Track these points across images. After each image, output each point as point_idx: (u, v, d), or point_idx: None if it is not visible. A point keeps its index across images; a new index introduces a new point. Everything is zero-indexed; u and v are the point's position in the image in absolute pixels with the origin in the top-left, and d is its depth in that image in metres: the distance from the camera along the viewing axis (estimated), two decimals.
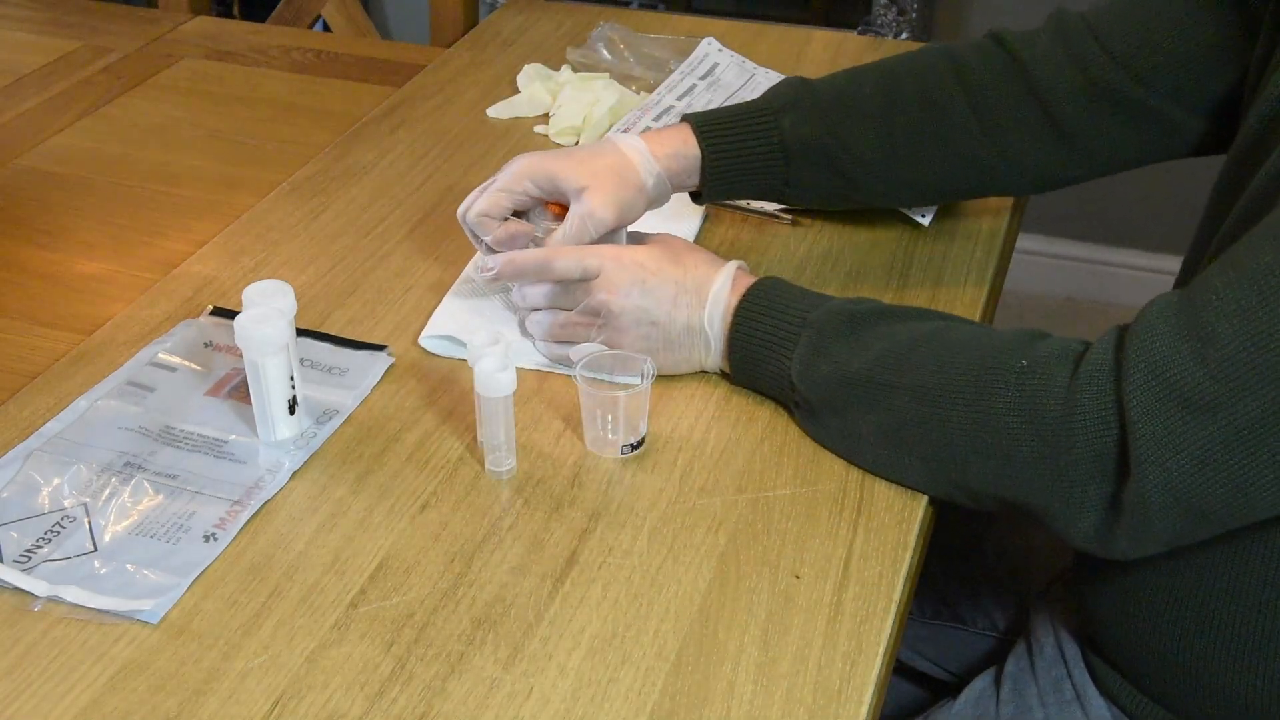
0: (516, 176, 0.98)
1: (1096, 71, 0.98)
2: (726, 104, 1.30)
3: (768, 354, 0.90)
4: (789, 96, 1.04)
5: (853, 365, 0.85)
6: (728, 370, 0.94)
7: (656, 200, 1.02)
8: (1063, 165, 1.04)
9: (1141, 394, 0.72)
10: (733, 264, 0.94)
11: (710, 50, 1.39)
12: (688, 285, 0.92)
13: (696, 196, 1.06)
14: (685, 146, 1.02)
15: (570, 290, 0.94)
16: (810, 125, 1.02)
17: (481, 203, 0.98)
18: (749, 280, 0.93)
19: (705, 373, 0.97)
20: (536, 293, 0.96)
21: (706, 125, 1.03)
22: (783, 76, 1.36)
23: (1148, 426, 0.72)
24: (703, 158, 1.02)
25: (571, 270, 0.93)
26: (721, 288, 0.92)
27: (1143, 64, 0.97)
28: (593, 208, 0.96)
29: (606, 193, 0.96)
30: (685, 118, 1.04)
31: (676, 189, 1.03)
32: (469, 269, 1.09)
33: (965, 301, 1.07)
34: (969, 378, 0.80)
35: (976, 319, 1.05)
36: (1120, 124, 1.00)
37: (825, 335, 0.87)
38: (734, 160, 1.03)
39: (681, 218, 1.14)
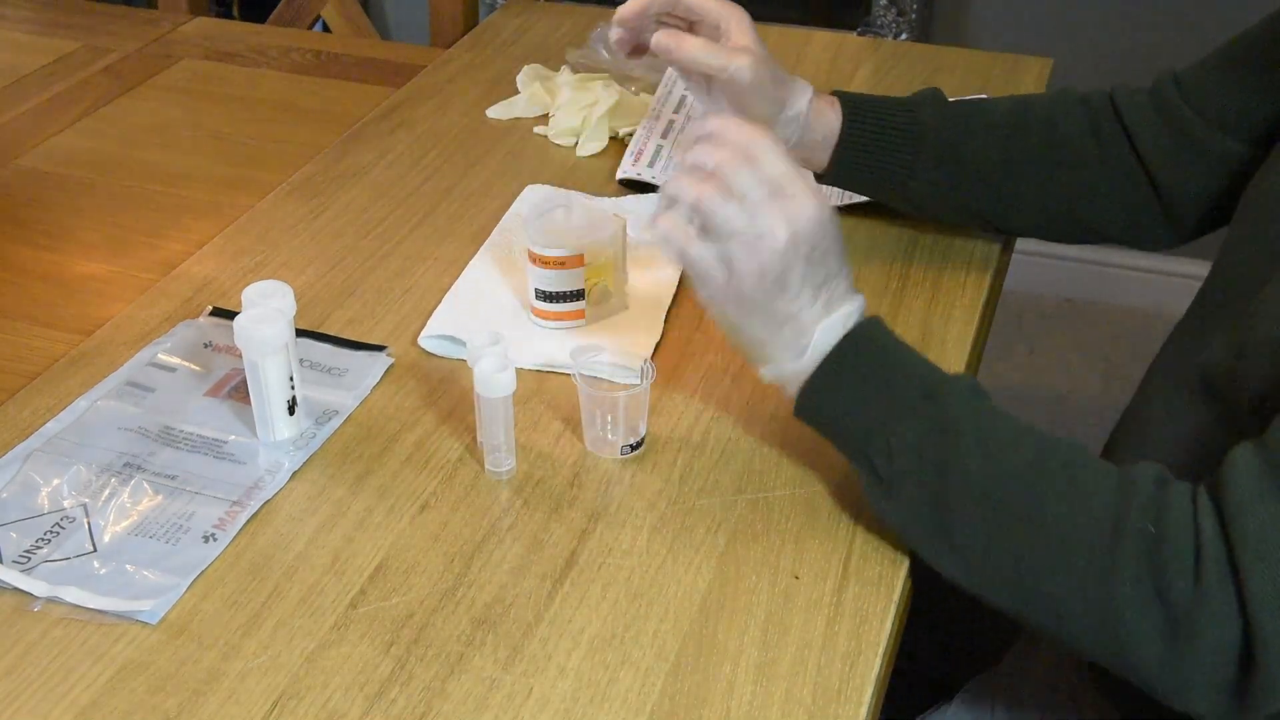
0: None
1: (1178, 118, 1.00)
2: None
3: (867, 404, 0.80)
4: (928, 95, 1.06)
5: (970, 464, 0.76)
6: (792, 393, 0.83)
7: (786, 112, 1.02)
8: (1159, 219, 1.05)
9: (1259, 589, 0.68)
10: (859, 301, 0.83)
11: None
12: (834, 286, 0.81)
13: (818, 178, 1.05)
14: (829, 116, 1.03)
15: (749, 171, 0.79)
16: (945, 122, 1.04)
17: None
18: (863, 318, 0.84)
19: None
20: (723, 156, 0.80)
21: (852, 100, 1.04)
22: None
23: (1273, 625, 0.68)
24: (841, 131, 1.03)
25: (773, 160, 0.79)
26: (850, 314, 0.82)
27: (1220, 111, 0.99)
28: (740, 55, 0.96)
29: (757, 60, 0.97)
30: (833, 92, 1.05)
31: (807, 142, 1.03)
32: (471, 266, 1.09)
33: (965, 303, 1.07)
34: (1097, 534, 0.73)
35: (976, 319, 1.05)
36: (1207, 171, 1.00)
37: (956, 416, 0.78)
38: (871, 141, 1.03)
39: None
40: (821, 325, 0.80)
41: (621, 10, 0.99)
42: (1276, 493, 0.69)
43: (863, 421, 0.80)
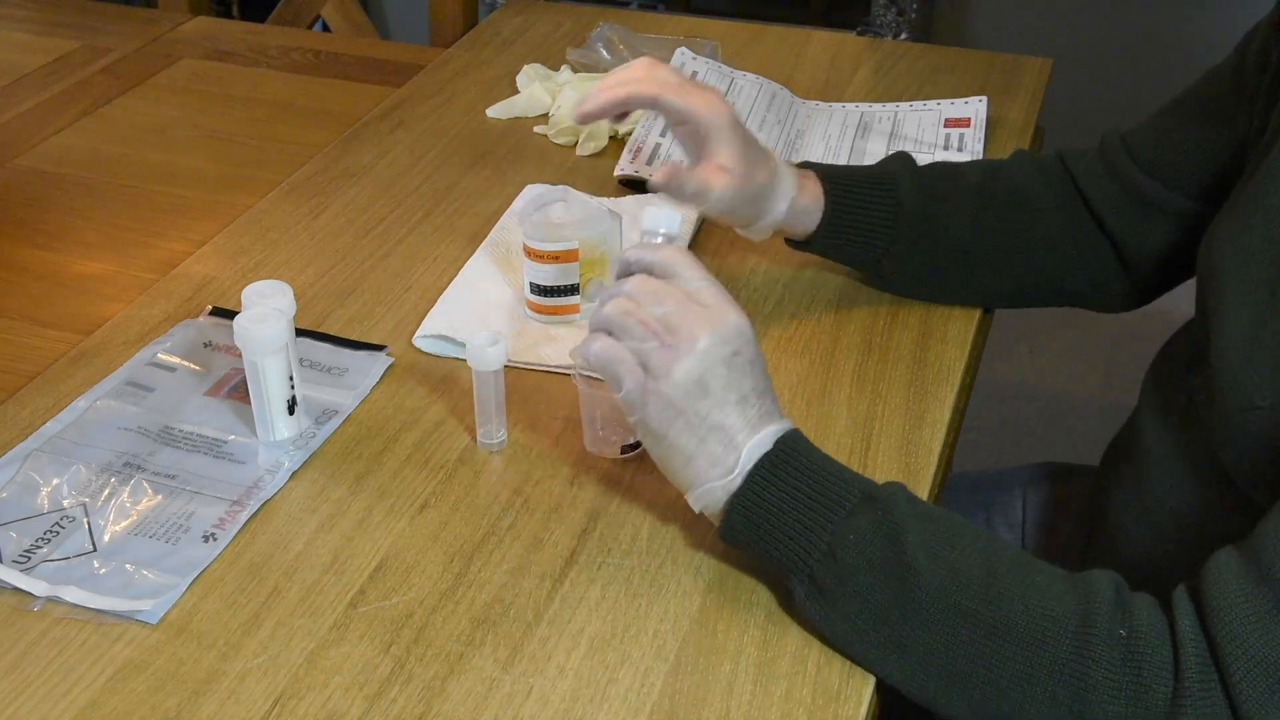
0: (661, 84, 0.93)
1: (1129, 181, 1.00)
2: None
3: (800, 512, 0.75)
4: (901, 165, 1.04)
5: (921, 566, 0.72)
6: (719, 516, 0.78)
7: (762, 220, 0.99)
8: (1122, 279, 1.04)
9: (1250, 689, 0.65)
10: (788, 425, 0.80)
11: (685, 59, 1.39)
12: (760, 402, 0.78)
13: (797, 244, 1.04)
14: (815, 200, 1.01)
15: (670, 292, 0.78)
16: (920, 197, 1.02)
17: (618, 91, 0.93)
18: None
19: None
20: (636, 281, 0.79)
21: (833, 176, 1.02)
22: (761, 78, 1.36)
23: None
24: (826, 205, 1.01)
25: (687, 278, 0.79)
26: (780, 430, 0.78)
27: (1169, 169, 0.98)
28: (718, 167, 0.93)
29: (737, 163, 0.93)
30: (808, 165, 1.03)
31: (795, 223, 1.01)
32: (468, 265, 1.09)
33: (961, 307, 1.07)
34: (1065, 635, 0.69)
35: (976, 319, 1.05)
36: (1163, 229, 1.00)
37: (895, 517, 0.74)
38: (852, 220, 1.01)
39: (682, 217, 1.14)
40: (751, 443, 0.76)
41: (585, 110, 0.94)
42: (1261, 589, 0.67)
43: (801, 528, 0.75)
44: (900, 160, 1.06)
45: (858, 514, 0.74)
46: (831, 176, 1.02)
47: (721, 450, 0.77)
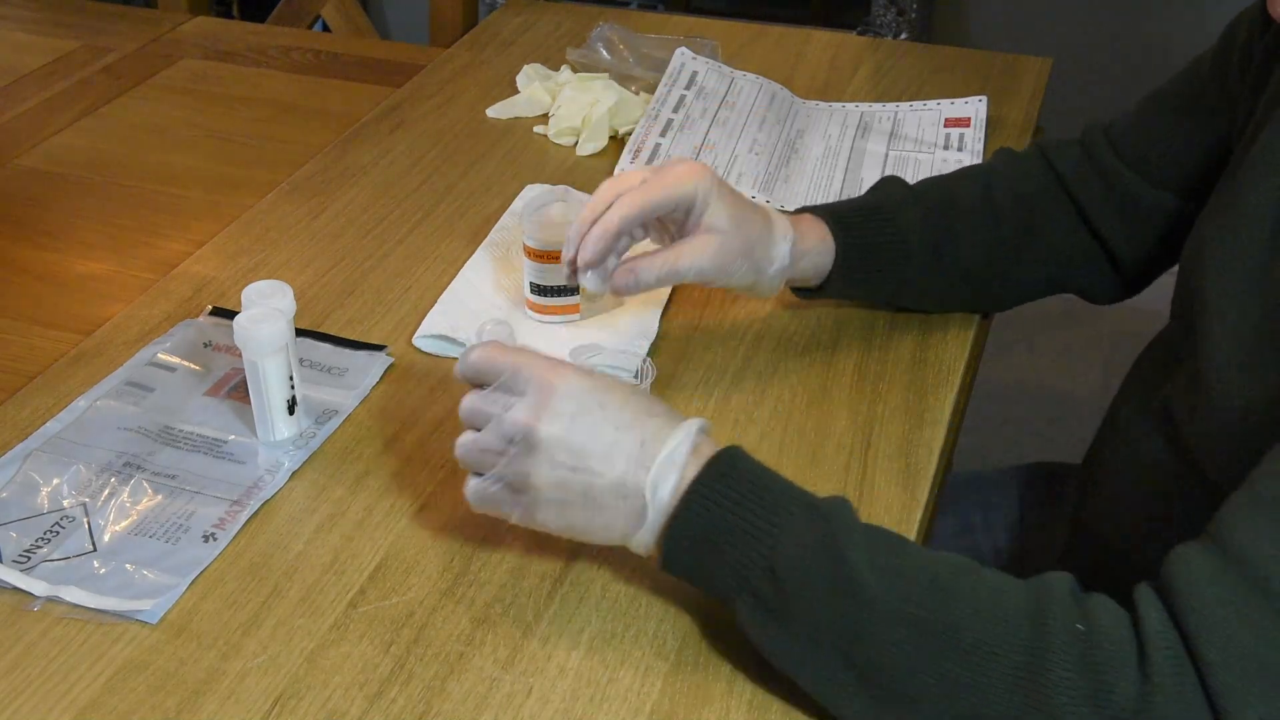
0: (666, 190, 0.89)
1: (1115, 179, 1.00)
2: (719, 110, 1.31)
3: (738, 531, 0.71)
4: (894, 189, 1.02)
5: (864, 575, 0.68)
6: (656, 551, 0.75)
7: (768, 270, 0.95)
8: (1110, 274, 1.04)
9: (1229, 678, 0.62)
10: (694, 423, 0.75)
11: (685, 59, 1.39)
12: (632, 435, 0.74)
13: (804, 291, 1.02)
14: (824, 243, 0.97)
15: (490, 402, 0.76)
16: (925, 225, 1.00)
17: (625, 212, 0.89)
18: (714, 448, 0.75)
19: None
20: (465, 401, 0.78)
21: (837, 218, 0.98)
22: (761, 78, 1.36)
23: (1250, 715, 0.61)
24: (837, 251, 0.98)
25: (491, 369, 0.76)
26: (676, 450, 0.73)
27: (1155, 166, 0.98)
28: (688, 252, 0.90)
29: (714, 245, 0.90)
30: (811, 210, 1.00)
31: (802, 276, 0.99)
32: (468, 266, 1.09)
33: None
34: (1018, 634, 0.65)
35: (973, 325, 1.05)
36: (1151, 227, 1.00)
37: (834, 527, 0.70)
38: (864, 255, 0.99)
39: None
40: (650, 479, 0.73)
41: (585, 256, 0.90)
42: (1230, 573, 0.64)
43: (740, 546, 0.71)
44: (894, 188, 1.03)
45: (798, 522, 0.71)
46: (833, 216, 0.99)
47: (625, 503, 0.73)
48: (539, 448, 0.73)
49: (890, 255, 0.99)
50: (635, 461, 0.73)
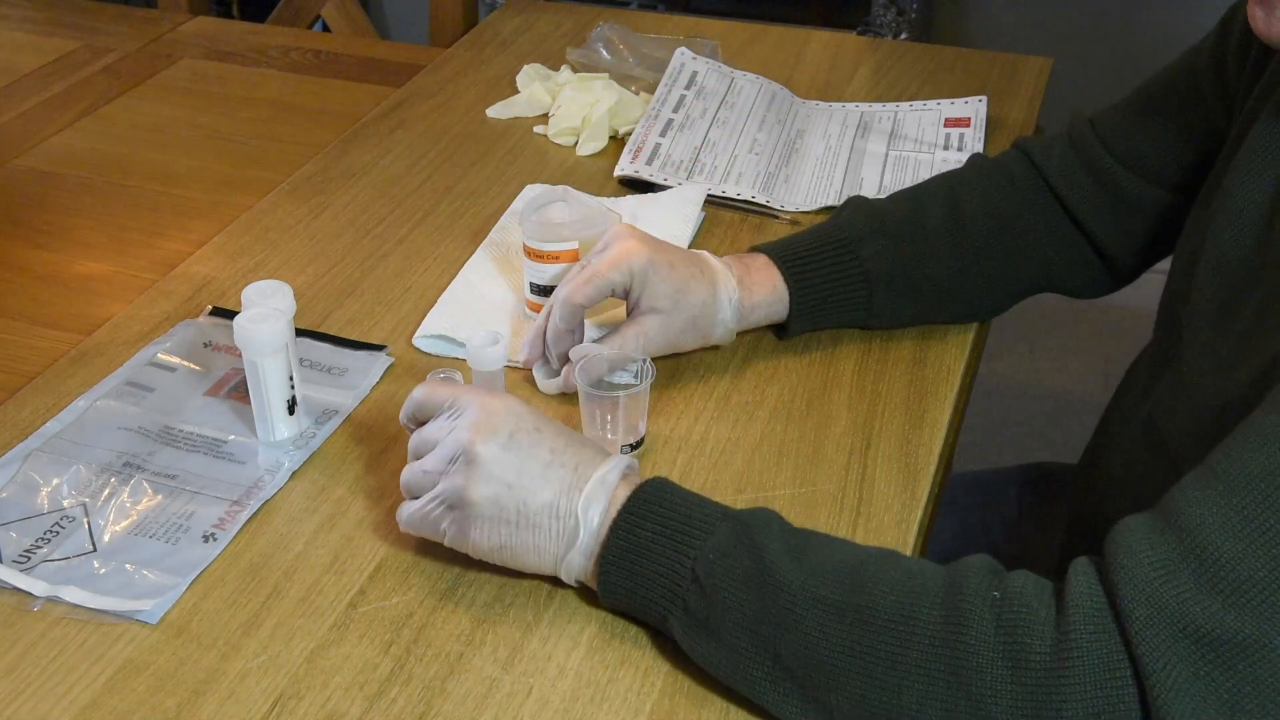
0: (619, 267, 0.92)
1: (1106, 175, 0.99)
2: (719, 110, 1.31)
3: (665, 545, 0.73)
4: (862, 224, 1.01)
5: (783, 569, 0.70)
6: (591, 574, 0.77)
7: (713, 339, 0.98)
8: (1101, 270, 1.04)
9: (1152, 635, 0.62)
10: (624, 459, 0.79)
11: (685, 60, 1.39)
12: (566, 459, 0.76)
13: (779, 329, 1.02)
14: (775, 291, 0.98)
15: (435, 429, 0.78)
16: (888, 252, 0.99)
17: (587, 290, 0.92)
18: (639, 480, 0.78)
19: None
20: (414, 436, 0.80)
21: (789, 259, 0.99)
22: (761, 78, 1.36)
23: (1169, 674, 0.62)
24: (790, 295, 0.98)
25: (432, 401, 0.79)
26: (608, 474, 0.76)
27: (1147, 162, 0.98)
28: (645, 329, 0.93)
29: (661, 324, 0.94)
30: (762, 250, 1.00)
31: (757, 323, 1.00)
32: (468, 266, 1.09)
33: None
34: (934, 605, 0.67)
35: (973, 326, 1.05)
36: (1143, 223, 1.00)
37: (753, 530, 0.72)
38: (821, 294, 0.99)
39: (682, 217, 1.14)
40: (582, 500, 0.75)
41: (522, 357, 0.95)
42: (1168, 546, 0.64)
43: (665, 560, 0.73)
44: (856, 215, 1.02)
45: (716, 532, 0.73)
46: (788, 257, 0.99)
47: (558, 523, 0.76)
48: (477, 462, 0.75)
49: (852, 287, 0.99)
50: (569, 484, 0.76)
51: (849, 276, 0.99)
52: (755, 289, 0.97)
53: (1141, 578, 0.63)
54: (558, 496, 0.76)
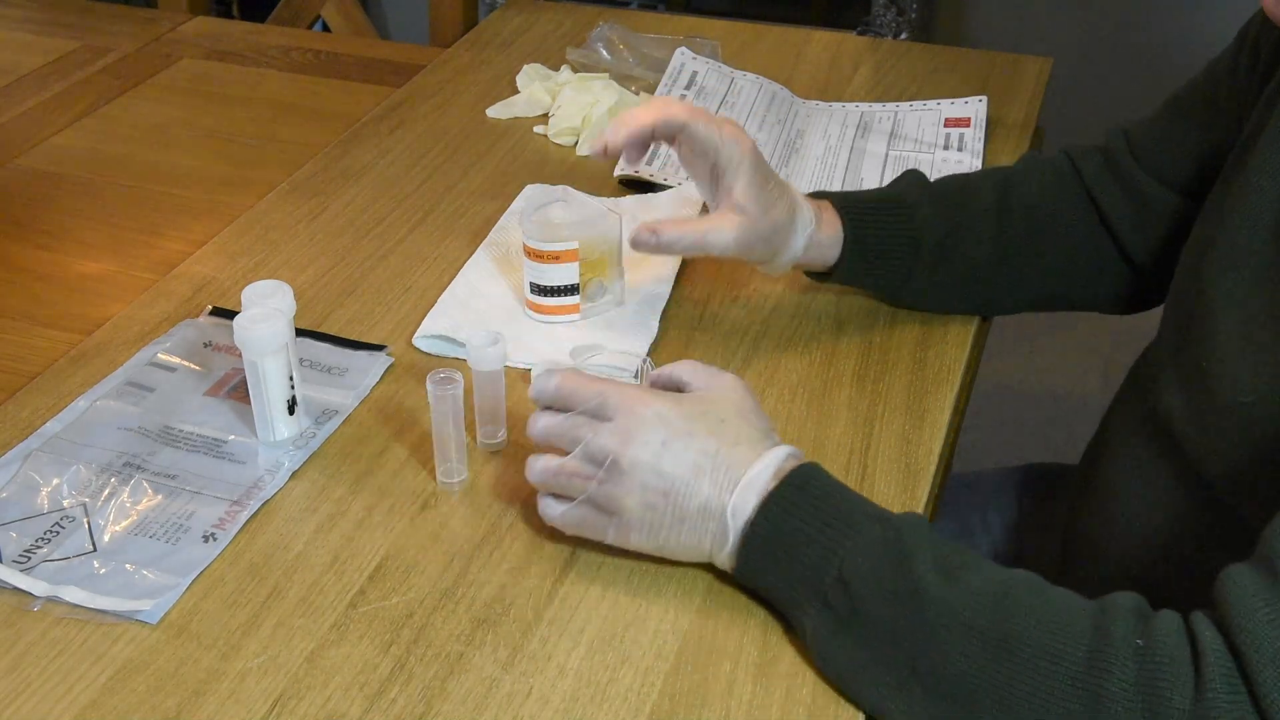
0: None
1: (1132, 183, 0.99)
2: (719, 110, 1.31)
3: (814, 537, 0.74)
4: (919, 191, 1.02)
5: (931, 585, 0.70)
6: (733, 564, 0.78)
7: (780, 258, 0.97)
8: (1130, 283, 1.04)
9: (1276, 693, 0.62)
10: (784, 450, 0.78)
11: (685, 60, 1.39)
12: (719, 460, 0.76)
13: (817, 275, 1.03)
14: (834, 235, 0.99)
15: (575, 426, 0.78)
16: (939, 224, 1.00)
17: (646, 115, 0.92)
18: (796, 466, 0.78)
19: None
20: (543, 423, 0.80)
21: (851, 209, 1.00)
22: (761, 78, 1.36)
23: None
24: (845, 244, 0.99)
25: (575, 394, 0.79)
26: (760, 474, 0.76)
27: (1174, 172, 0.98)
28: (721, 225, 0.92)
29: (745, 218, 0.92)
30: (825, 195, 1.01)
31: (809, 263, 1.00)
32: (468, 265, 1.09)
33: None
34: (1079, 645, 0.66)
35: (974, 326, 1.05)
36: (1170, 234, 0.99)
37: (904, 537, 0.72)
38: (871, 251, 1.00)
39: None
40: (731, 503, 0.76)
41: (611, 138, 0.93)
42: (1276, 590, 0.64)
43: (810, 555, 0.73)
44: (914, 182, 1.04)
45: (866, 534, 0.73)
46: (849, 206, 1.00)
47: (711, 524, 0.76)
48: (628, 473, 0.76)
49: (900, 249, 1.00)
50: (719, 487, 0.76)
51: (899, 237, 1.00)
52: (824, 228, 0.98)
53: (1261, 637, 0.63)
54: (709, 500, 0.76)
